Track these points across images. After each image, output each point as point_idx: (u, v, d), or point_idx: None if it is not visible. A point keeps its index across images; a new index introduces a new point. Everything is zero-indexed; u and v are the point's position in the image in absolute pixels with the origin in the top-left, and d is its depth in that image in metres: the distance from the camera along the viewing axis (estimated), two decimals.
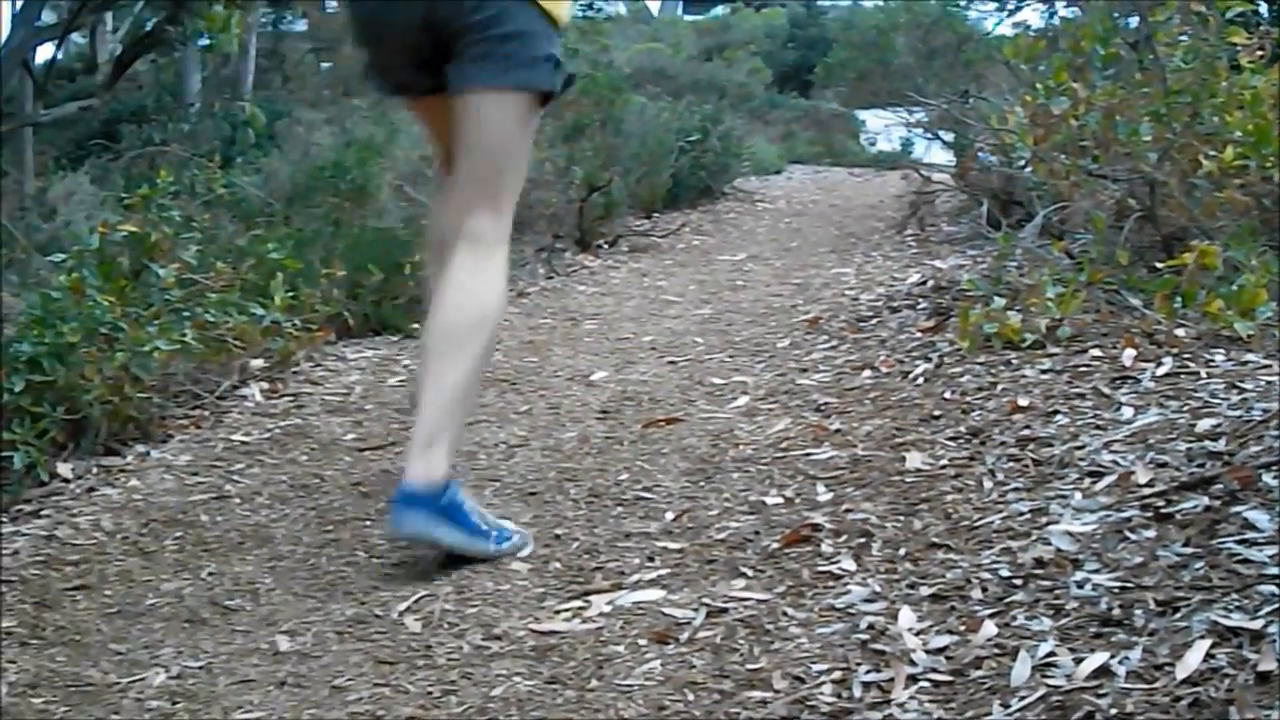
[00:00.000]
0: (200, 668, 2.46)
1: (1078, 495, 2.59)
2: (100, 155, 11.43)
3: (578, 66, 9.78)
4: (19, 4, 13.12)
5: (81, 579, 2.92)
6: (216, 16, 6.22)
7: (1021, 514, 2.57)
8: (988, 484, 2.82)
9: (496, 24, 3.01)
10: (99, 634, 2.63)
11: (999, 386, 3.50)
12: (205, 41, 6.52)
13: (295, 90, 20.81)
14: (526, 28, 3.04)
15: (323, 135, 9.81)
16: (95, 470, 3.70)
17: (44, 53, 15.88)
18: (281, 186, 7.80)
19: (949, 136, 8.87)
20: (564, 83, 3.18)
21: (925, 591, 2.31)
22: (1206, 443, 2.66)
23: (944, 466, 3.01)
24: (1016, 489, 2.74)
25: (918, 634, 2.15)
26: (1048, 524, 2.47)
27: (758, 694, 2.08)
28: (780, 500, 3.02)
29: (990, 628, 2.08)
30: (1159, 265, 3.95)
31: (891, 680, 2.02)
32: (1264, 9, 8.98)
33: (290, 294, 4.83)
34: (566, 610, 2.55)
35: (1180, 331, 3.52)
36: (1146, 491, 2.48)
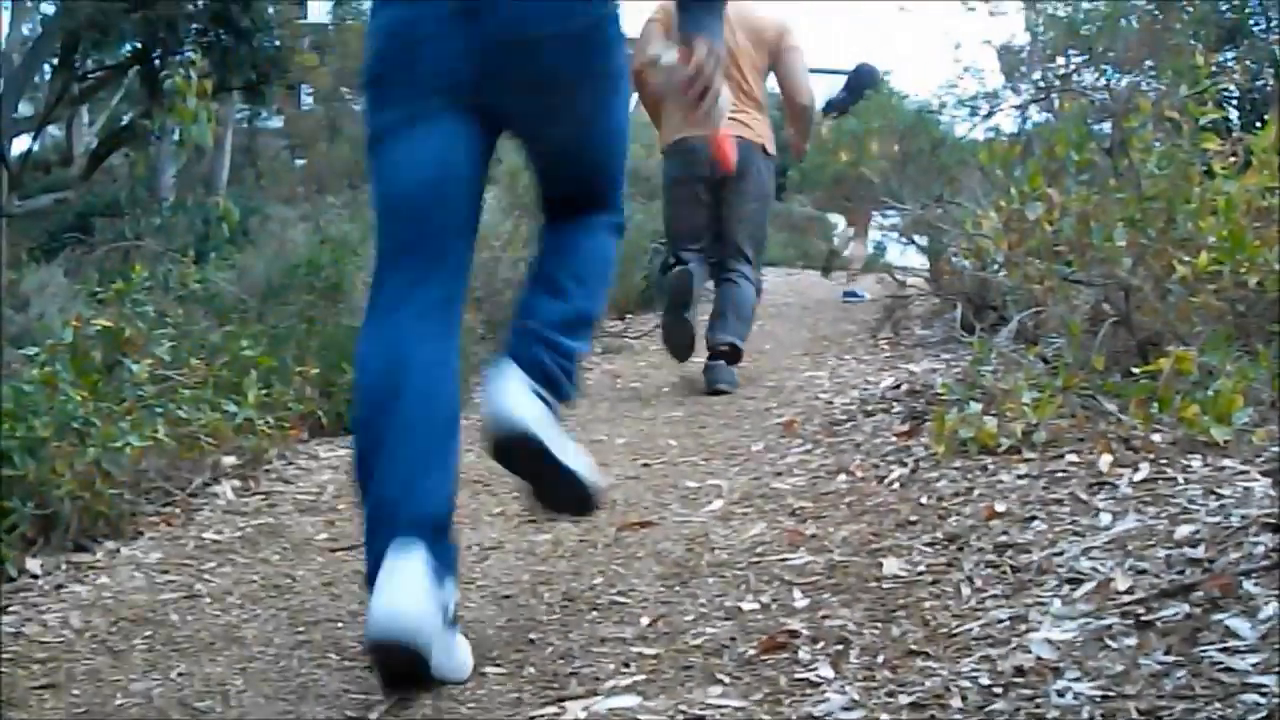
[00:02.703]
0: None
1: (1057, 602, 2.57)
2: (74, 248, 11.42)
3: None
4: None
5: (49, 677, 2.88)
6: (189, 110, 6.23)
7: (1000, 621, 2.56)
8: (966, 591, 2.80)
9: None
10: None
11: (975, 492, 3.49)
12: (179, 137, 6.54)
13: (269, 186, 20.88)
14: None
15: (297, 232, 9.80)
16: (64, 566, 3.67)
17: (20, 144, 15.96)
18: (255, 283, 7.77)
19: (923, 240, 8.90)
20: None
21: (904, 700, 2.29)
22: (1186, 549, 2.65)
23: (921, 573, 2.99)
24: (995, 596, 2.73)
25: None
26: (1027, 631, 2.45)
27: None
28: (756, 606, 3.00)
29: None
30: (1134, 370, 3.96)
31: None
32: (1235, 116, 9.08)
33: (263, 391, 4.82)
34: (541, 716, 2.51)
35: (1157, 437, 3.53)
36: (1126, 599, 2.47)
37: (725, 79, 2.94)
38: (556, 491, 2.93)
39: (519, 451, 2.80)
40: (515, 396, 2.80)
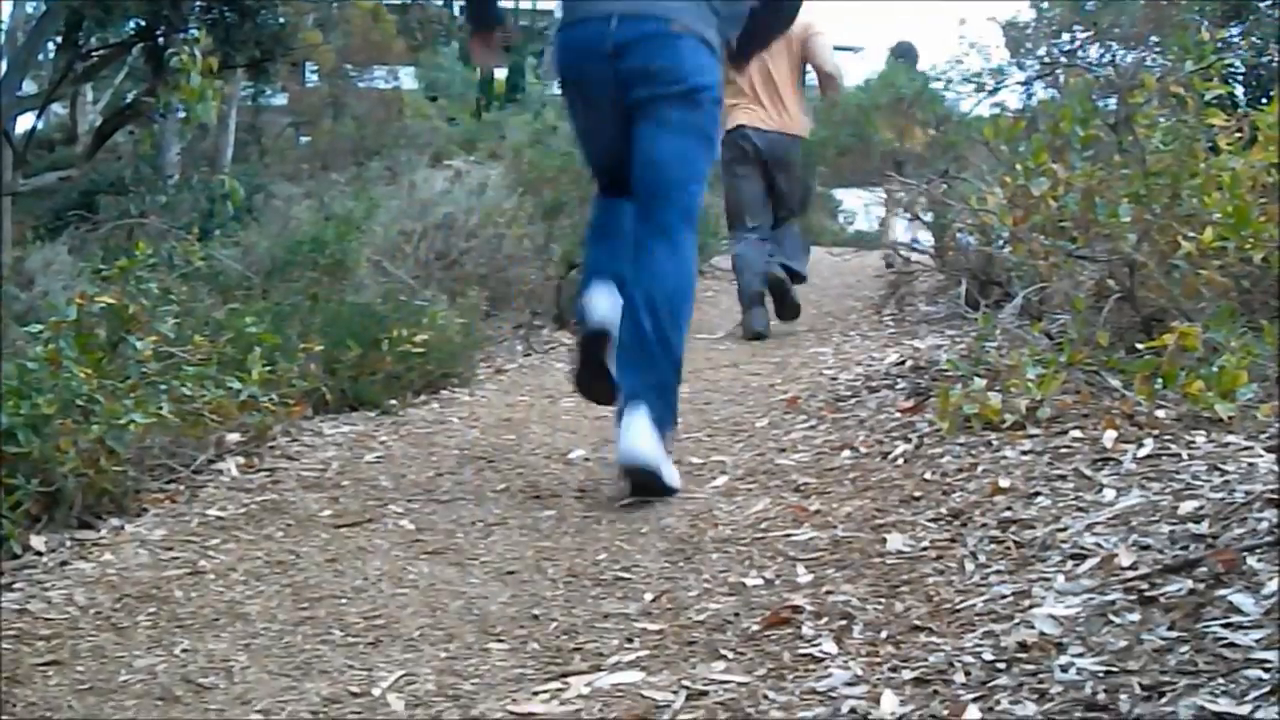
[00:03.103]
0: None
1: (1060, 578, 2.57)
2: (78, 226, 11.42)
3: (557, 144, 9.85)
4: (0, 73, 13.12)
5: (53, 654, 2.88)
6: (194, 88, 6.21)
7: (1004, 597, 2.55)
8: (969, 566, 2.80)
9: None
10: (70, 710, 2.59)
11: (979, 468, 3.48)
12: (183, 114, 6.53)
13: (274, 164, 20.87)
14: None
15: (301, 209, 9.80)
16: (69, 543, 3.66)
17: (24, 122, 15.95)
18: (259, 260, 7.77)
19: (928, 216, 8.89)
20: None
21: (908, 675, 2.29)
22: (1189, 525, 2.65)
23: (925, 548, 2.99)
24: (999, 571, 2.73)
25: (900, 718, 2.13)
26: (1031, 607, 2.45)
27: None
28: (760, 581, 3.00)
29: (974, 712, 2.06)
30: (1139, 346, 3.94)
31: None
32: (1240, 92, 9.05)
33: (267, 368, 4.81)
34: (545, 692, 2.51)
35: (1161, 413, 3.52)
36: (1130, 574, 2.46)
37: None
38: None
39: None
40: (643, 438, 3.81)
